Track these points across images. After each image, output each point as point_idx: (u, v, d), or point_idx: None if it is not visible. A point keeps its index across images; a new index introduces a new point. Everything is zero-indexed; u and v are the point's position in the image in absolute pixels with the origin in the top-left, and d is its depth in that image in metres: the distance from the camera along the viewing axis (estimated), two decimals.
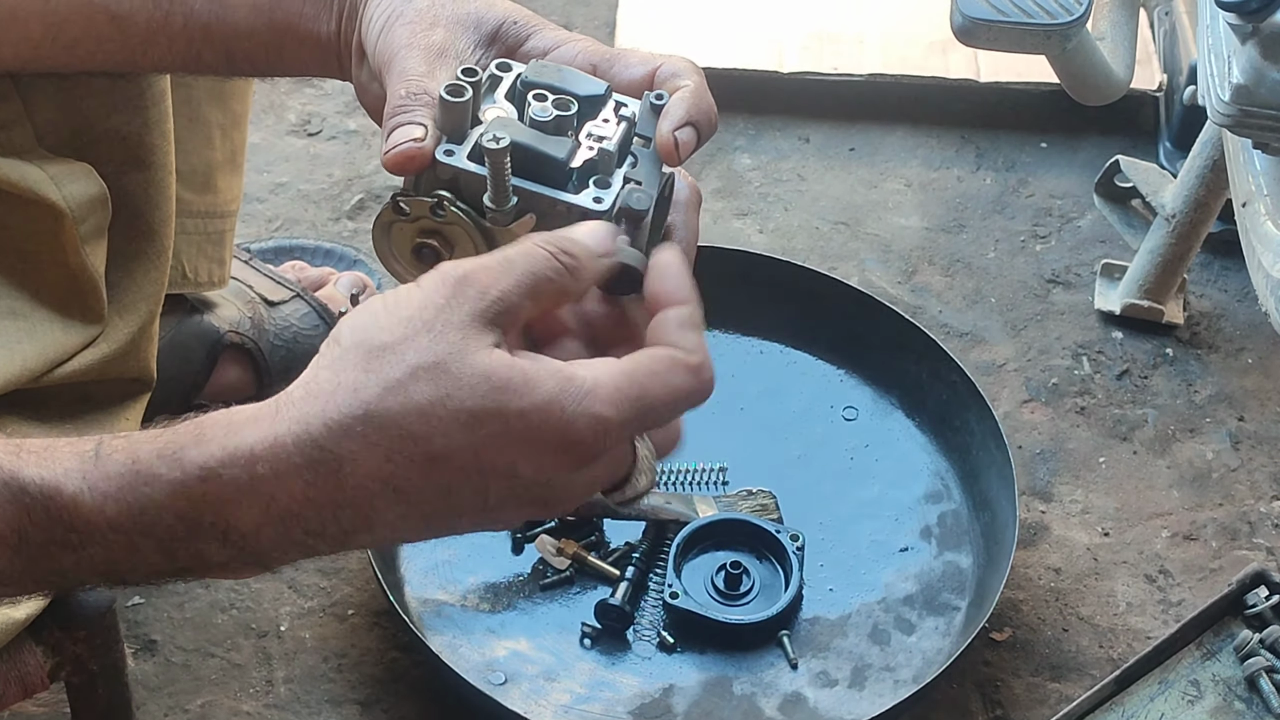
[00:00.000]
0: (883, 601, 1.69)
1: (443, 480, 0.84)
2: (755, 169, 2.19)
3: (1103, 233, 2.10)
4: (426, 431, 0.83)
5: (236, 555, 0.86)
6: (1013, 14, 1.71)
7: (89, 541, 0.86)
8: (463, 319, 0.85)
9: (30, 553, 0.86)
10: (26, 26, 1.11)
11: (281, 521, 0.85)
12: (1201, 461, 1.87)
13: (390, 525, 0.86)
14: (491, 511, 0.87)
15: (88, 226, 1.20)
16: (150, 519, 0.85)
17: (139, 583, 0.90)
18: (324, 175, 2.15)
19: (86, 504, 0.85)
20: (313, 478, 0.84)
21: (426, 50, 1.02)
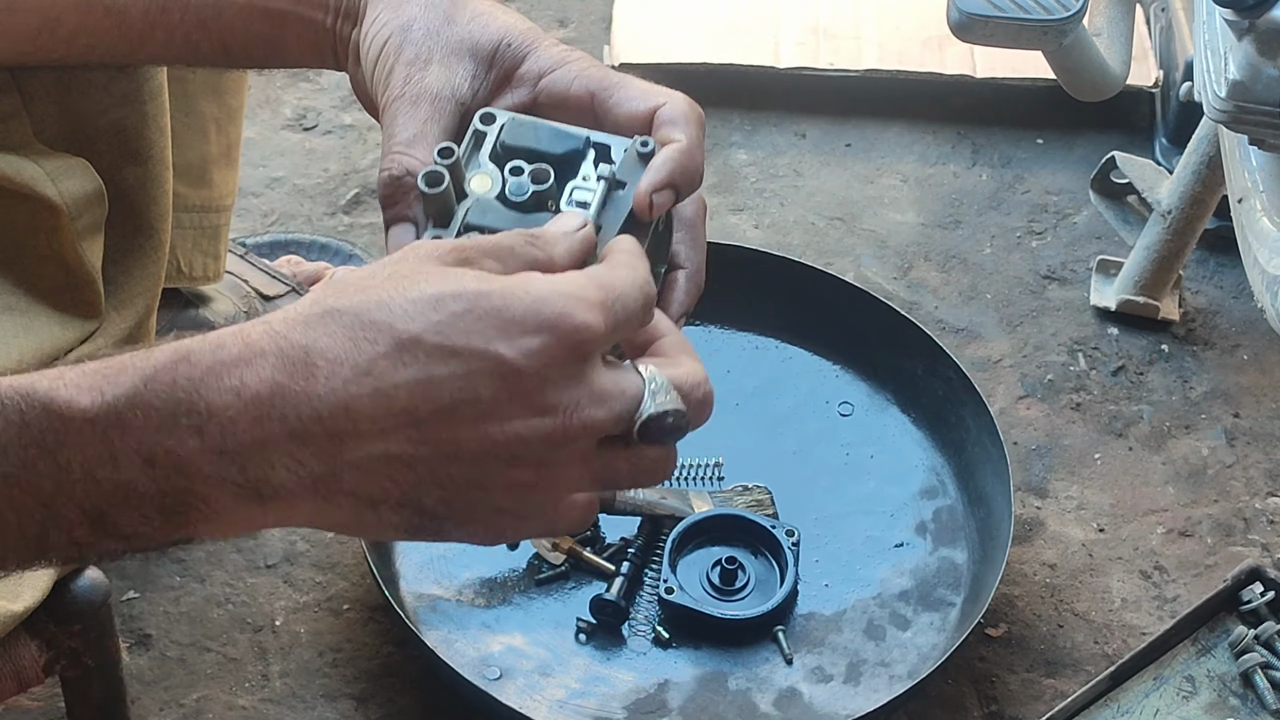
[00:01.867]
0: (878, 597, 1.69)
1: (419, 370, 0.81)
2: (751, 164, 2.19)
3: (1098, 229, 2.10)
4: (388, 317, 0.81)
5: (220, 462, 0.81)
6: (1009, 9, 1.71)
7: (65, 442, 0.80)
8: (422, 255, 0.85)
9: (8, 465, 0.81)
10: (24, 18, 1.10)
11: (257, 409, 0.80)
12: (1197, 458, 1.88)
13: (380, 432, 0.81)
14: (490, 416, 0.82)
15: (84, 222, 1.20)
16: (124, 408, 0.80)
17: (128, 527, 0.83)
18: (319, 170, 2.15)
19: (61, 395, 0.80)
20: (279, 363, 0.81)
21: (418, 100, 1.02)
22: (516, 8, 2.36)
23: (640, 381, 0.87)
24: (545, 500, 0.87)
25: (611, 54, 2.25)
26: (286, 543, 1.75)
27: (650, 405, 0.87)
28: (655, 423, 0.87)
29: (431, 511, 0.85)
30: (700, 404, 0.89)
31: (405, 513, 0.84)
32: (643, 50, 2.25)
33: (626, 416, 0.86)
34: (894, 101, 2.26)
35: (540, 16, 2.37)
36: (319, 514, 0.84)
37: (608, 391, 0.85)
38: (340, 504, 0.83)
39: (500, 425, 0.82)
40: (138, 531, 0.83)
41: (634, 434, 0.87)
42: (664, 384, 0.88)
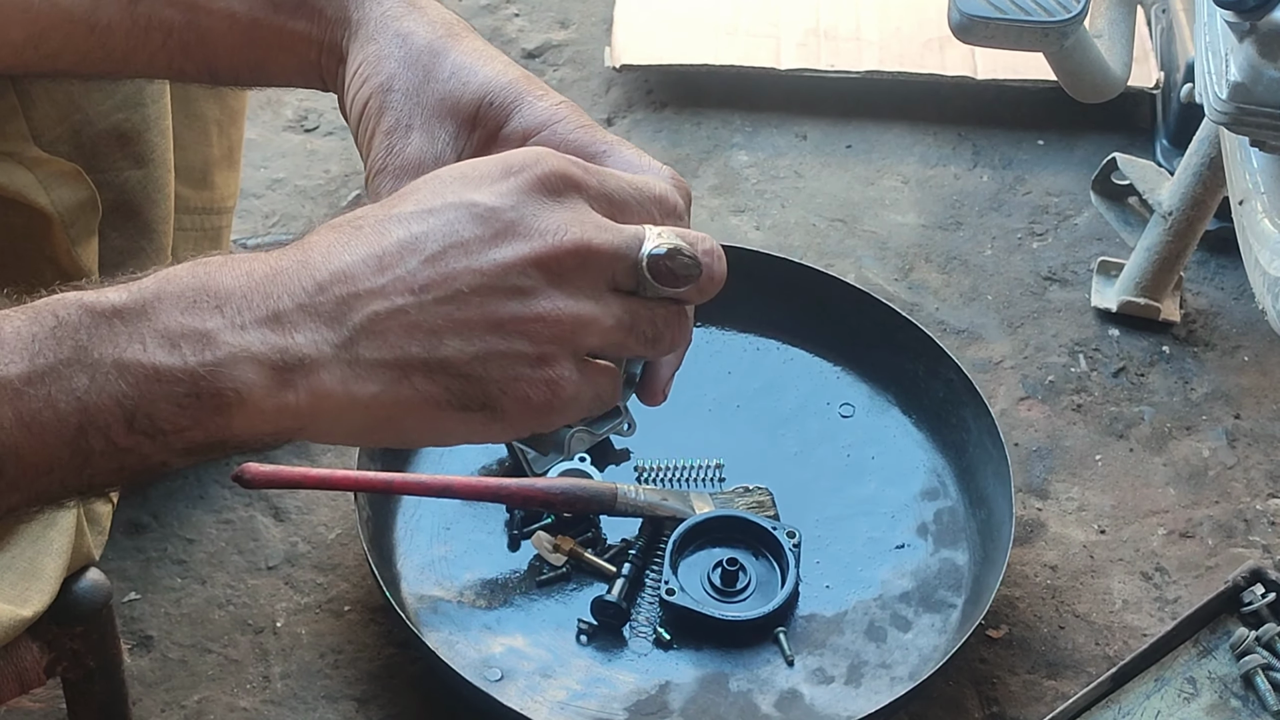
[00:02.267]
0: (879, 599, 1.69)
1: (404, 231, 0.86)
2: (752, 166, 2.19)
3: (1099, 230, 2.10)
4: (372, 211, 0.88)
5: (242, 335, 0.84)
6: (1010, 11, 1.71)
7: (97, 334, 0.83)
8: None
9: (43, 360, 0.82)
10: (7, 32, 1.10)
11: (265, 286, 0.85)
12: (1198, 459, 1.88)
13: (381, 289, 0.85)
14: (478, 251, 0.86)
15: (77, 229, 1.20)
16: (150, 298, 0.84)
17: (165, 422, 0.84)
18: (321, 171, 2.15)
19: (91, 294, 0.84)
20: (281, 254, 0.86)
21: (401, 173, 1.03)
22: (517, 10, 2.37)
23: (639, 227, 0.90)
24: (578, 346, 0.88)
25: (612, 55, 2.25)
26: (287, 544, 1.75)
27: (653, 241, 0.89)
28: (665, 259, 0.89)
29: (467, 372, 0.86)
30: (709, 253, 0.92)
31: (440, 378, 0.86)
32: (643, 52, 2.25)
33: (628, 251, 0.89)
34: (895, 103, 2.26)
35: (541, 18, 2.37)
36: (353, 393, 0.86)
37: (600, 224, 0.89)
38: (370, 376, 0.85)
39: (491, 256, 0.86)
40: (174, 425, 0.84)
41: (645, 272, 0.89)
42: (666, 231, 0.90)
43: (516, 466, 1.72)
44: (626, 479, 1.74)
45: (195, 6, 1.09)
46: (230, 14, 1.09)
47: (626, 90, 2.28)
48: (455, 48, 1.06)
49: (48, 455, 0.84)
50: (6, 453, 0.83)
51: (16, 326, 0.83)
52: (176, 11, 1.09)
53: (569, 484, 1.68)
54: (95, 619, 1.25)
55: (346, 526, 1.76)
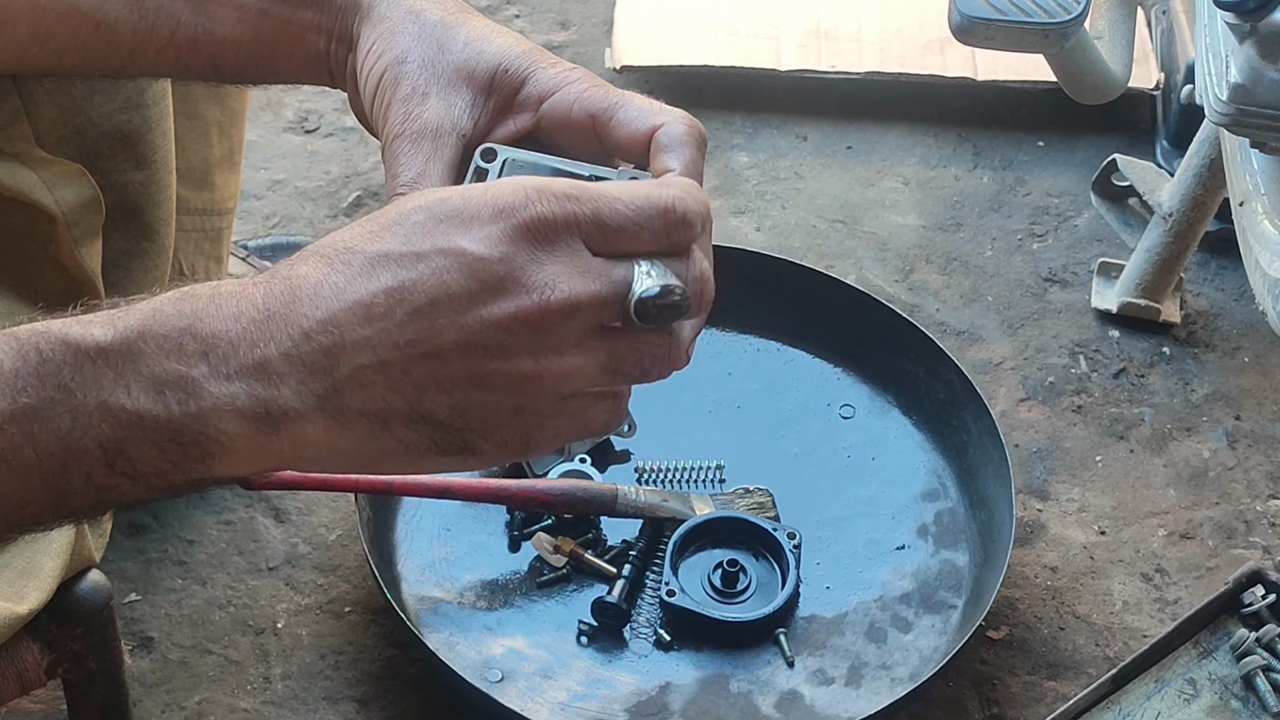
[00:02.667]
0: (879, 600, 1.69)
1: (391, 278, 0.84)
2: (753, 167, 2.20)
3: (1100, 231, 2.10)
4: (360, 242, 0.86)
5: (227, 385, 0.83)
6: (1011, 13, 1.71)
7: (80, 374, 0.83)
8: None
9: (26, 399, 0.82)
10: (13, 30, 1.10)
11: (253, 332, 0.84)
12: (1198, 460, 1.88)
13: (367, 341, 0.84)
14: (465, 307, 0.85)
15: (81, 229, 1.20)
16: (134, 338, 0.83)
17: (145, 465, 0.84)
18: (321, 172, 2.16)
19: (75, 331, 0.83)
20: (269, 293, 0.84)
21: (419, 137, 1.02)
22: (517, 10, 2.37)
23: (628, 266, 0.88)
24: (559, 394, 0.88)
25: (613, 57, 2.25)
26: (288, 545, 1.75)
27: (641, 283, 0.88)
28: (651, 301, 0.88)
29: (447, 423, 0.86)
30: (698, 280, 0.91)
31: (421, 428, 0.86)
32: (644, 53, 2.25)
33: (615, 298, 0.87)
34: (895, 104, 2.26)
35: (542, 19, 2.37)
36: (335, 440, 0.86)
37: (589, 270, 0.87)
38: (352, 425, 0.85)
39: (477, 313, 0.85)
40: (156, 469, 0.84)
41: (632, 315, 0.88)
42: (656, 264, 0.89)
43: (517, 468, 1.72)
44: (627, 480, 1.74)
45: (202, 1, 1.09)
46: (238, 5, 1.09)
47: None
48: (467, 23, 1.07)
49: (26, 491, 0.84)
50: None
51: (0, 360, 0.83)
52: (184, 4, 1.09)
53: (569, 485, 1.68)
54: (96, 620, 1.25)
55: (347, 528, 1.76)
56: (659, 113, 1.01)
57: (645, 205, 0.89)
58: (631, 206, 0.88)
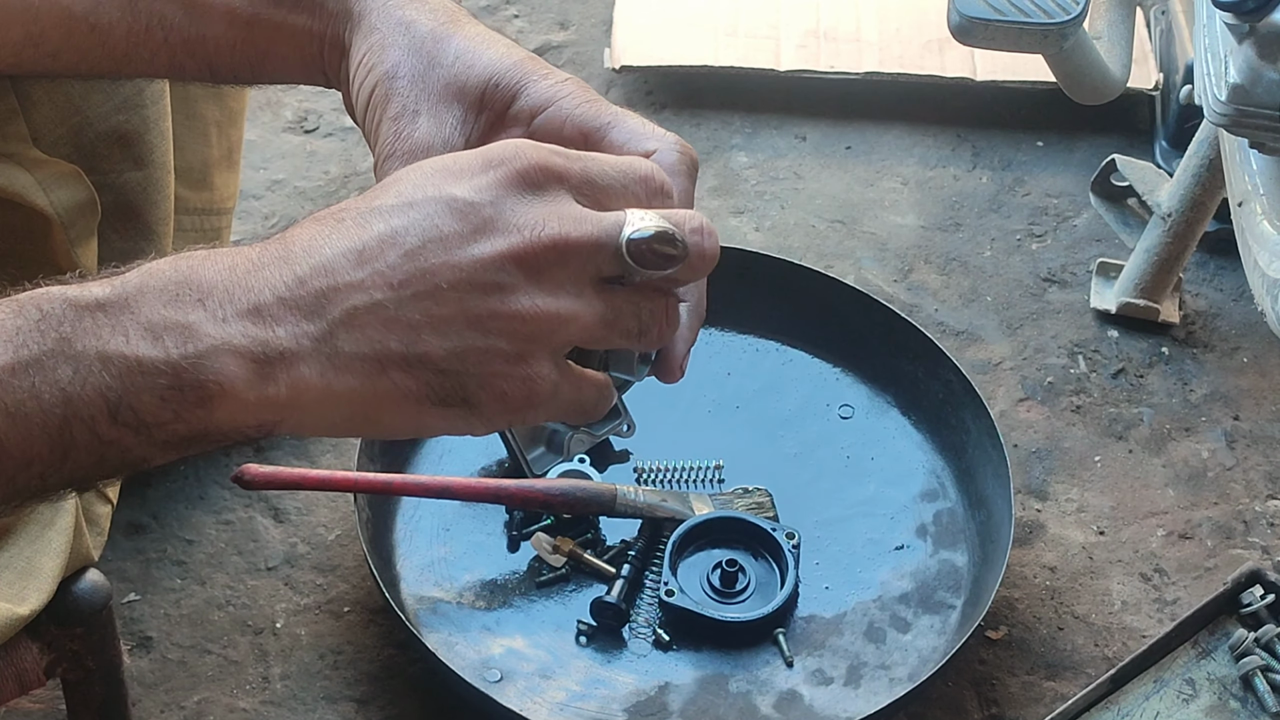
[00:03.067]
0: (878, 600, 1.69)
1: (384, 225, 0.87)
2: (752, 167, 2.20)
3: (1099, 232, 2.10)
4: (351, 204, 0.88)
5: (224, 328, 0.85)
6: (1010, 13, 1.71)
7: (80, 327, 0.84)
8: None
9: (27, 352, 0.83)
10: (7, 32, 1.10)
11: (248, 280, 0.86)
12: (1197, 460, 1.88)
13: (360, 283, 0.86)
14: (456, 246, 0.86)
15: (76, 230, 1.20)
16: (133, 291, 0.85)
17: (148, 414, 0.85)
18: (320, 172, 2.16)
19: (74, 289, 0.85)
20: (263, 249, 0.87)
21: (409, 157, 1.03)
22: (516, 11, 2.37)
23: (621, 214, 0.90)
24: (557, 342, 0.89)
25: (612, 57, 2.25)
26: (287, 545, 1.75)
27: (633, 225, 0.88)
28: (647, 242, 0.88)
29: (445, 368, 0.87)
30: (697, 230, 0.92)
31: (418, 372, 0.87)
32: (643, 53, 2.25)
33: (608, 240, 0.88)
34: (894, 104, 2.26)
35: (540, 20, 2.37)
36: (332, 385, 0.86)
37: (579, 216, 0.89)
38: (348, 369, 0.86)
39: (469, 252, 0.86)
40: (157, 419, 0.85)
41: (626, 258, 0.88)
42: (651, 214, 0.90)
43: (516, 467, 1.72)
44: (626, 480, 1.74)
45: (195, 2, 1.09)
46: (230, 10, 1.09)
47: (626, 91, 2.28)
48: (458, 34, 1.06)
49: (30, 447, 0.84)
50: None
51: (1, 319, 0.84)
52: (177, 8, 1.09)
53: (568, 485, 1.68)
54: (95, 620, 1.25)
55: (346, 527, 1.76)
56: (651, 136, 1.01)
57: (628, 168, 0.92)
58: (614, 168, 0.91)
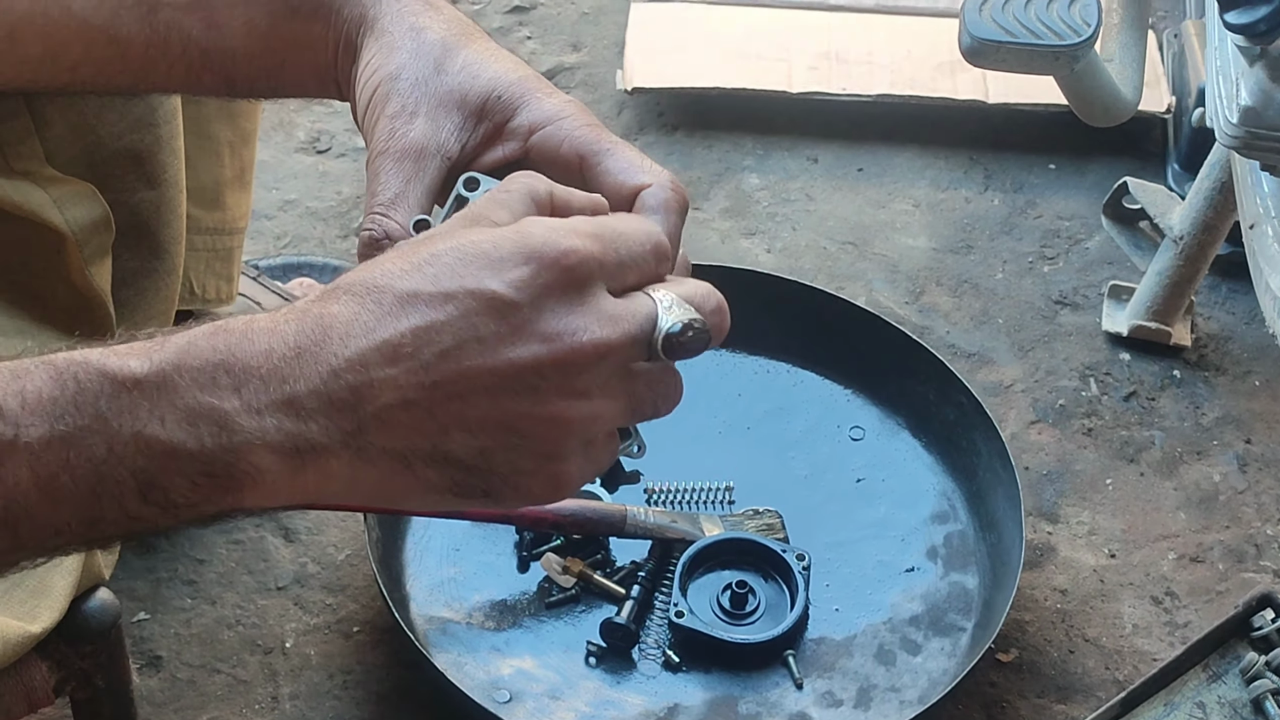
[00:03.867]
0: (889, 622, 1.69)
1: (420, 318, 0.85)
2: (763, 189, 2.20)
3: (1110, 254, 2.10)
4: (390, 280, 0.86)
5: (258, 420, 0.84)
6: (1021, 35, 1.71)
7: (117, 404, 0.84)
8: (429, 233, 0.91)
9: (64, 425, 0.83)
10: (27, 48, 1.11)
11: (284, 369, 0.85)
12: (1208, 484, 1.87)
13: (394, 380, 0.85)
14: (493, 349, 0.85)
15: (91, 248, 1.20)
16: (170, 370, 0.84)
17: (177, 495, 0.85)
18: (333, 192, 2.16)
19: (113, 362, 0.84)
20: (300, 329, 0.85)
21: (402, 156, 1.03)
22: (529, 32, 2.38)
23: (651, 302, 0.90)
24: (584, 438, 0.89)
25: (624, 78, 2.25)
26: (297, 565, 1.75)
27: (667, 320, 0.89)
28: (677, 337, 0.89)
29: (470, 465, 0.87)
30: (715, 312, 0.92)
31: (444, 469, 0.87)
32: (655, 75, 2.25)
33: (643, 337, 0.89)
34: (906, 126, 2.26)
35: (553, 41, 2.37)
36: (358, 476, 0.87)
37: (616, 314, 0.88)
38: (376, 463, 0.86)
39: (505, 356, 0.85)
40: (187, 500, 0.85)
41: (658, 351, 0.89)
42: (675, 299, 0.90)
43: None
44: (636, 501, 1.74)
45: (214, 14, 1.10)
46: (249, 21, 1.10)
47: (638, 113, 2.28)
48: (468, 46, 1.06)
49: (59, 517, 0.85)
50: (21, 513, 0.84)
51: (38, 387, 0.84)
52: (195, 20, 1.10)
53: (578, 506, 1.68)
54: (104, 638, 1.25)
55: (356, 547, 1.76)
56: (646, 171, 1.01)
57: (651, 242, 0.91)
58: (641, 242, 0.91)
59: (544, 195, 0.93)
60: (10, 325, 1.18)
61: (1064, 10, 1.70)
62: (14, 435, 0.83)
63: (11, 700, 1.22)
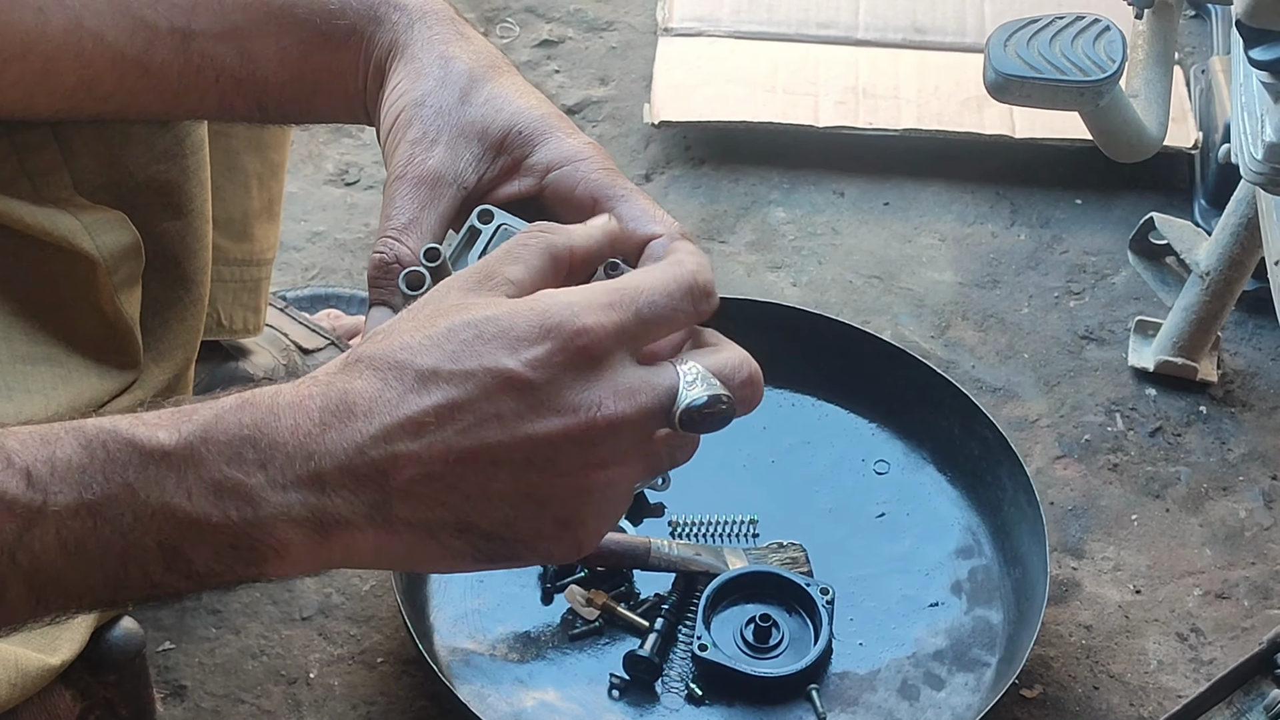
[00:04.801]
0: (912, 657, 1.69)
1: (442, 396, 0.86)
2: (790, 222, 2.20)
3: (1137, 290, 2.10)
4: (409, 356, 0.87)
5: (284, 496, 0.86)
6: (1045, 70, 1.72)
7: (144, 475, 0.85)
8: (445, 289, 0.92)
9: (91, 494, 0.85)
10: (61, 78, 1.12)
11: (310, 446, 0.86)
12: (1234, 520, 1.87)
13: (418, 457, 0.86)
14: (514, 426, 0.86)
15: (121, 275, 1.21)
16: (197, 443, 0.86)
17: (201, 565, 0.87)
18: (360, 224, 2.17)
19: (142, 432, 0.86)
20: (325, 405, 0.87)
21: (419, 183, 1.04)
22: (557, 66, 2.39)
23: (674, 374, 0.90)
24: (602, 502, 0.90)
25: (651, 112, 2.26)
26: (321, 595, 1.75)
27: (686, 396, 0.89)
28: (695, 412, 0.90)
29: (493, 533, 0.89)
30: (745, 385, 0.93)
31: (468, 538, 0.89)
32: (682, 108, 2.26)
33: (660, 410, 0.90)
34: (933, 161, 2.26)
35: (581, 75, 2.38)
36: (384, 547, 0.88)
37: (634, 387, 0.89)
38: (400, 534, 0.88)
39: (525, 431, 0.87)
40: (210, 570, 0.87)
41: (676, 425, 0.90)
42: (701, 373, 0.91)
43: None
44: (660, 533, 1.74)
45: (247, 43, 1.11)
46: (281, 49, 1.11)
47: (665, 146, 2.29)
48: (495, 79, 1.07)
49: (84, 582, 0.86)
50: (46, 578, 0.85)
51: (68, 454, 0.85)
52: (228, 49, 1.11)
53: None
54: (128, 668, 1.26)
55: (381, 578, 1.76)
56: (658, 221, 1.02)
57: (675, 288, 0.92)
58: (663, 293, 0.91)
59: (563, 250, 0.94)
60: (39, 353, 1.18)
61: (1088, 46, 1.70)
62: (42, 502, 0.84)
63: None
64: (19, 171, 1.18)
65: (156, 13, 1.11)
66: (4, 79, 1.11)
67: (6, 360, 1.17)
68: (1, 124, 1.16)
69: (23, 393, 1.16)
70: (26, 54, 1.10)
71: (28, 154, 1.18)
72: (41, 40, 1.10)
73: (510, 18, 2.48)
